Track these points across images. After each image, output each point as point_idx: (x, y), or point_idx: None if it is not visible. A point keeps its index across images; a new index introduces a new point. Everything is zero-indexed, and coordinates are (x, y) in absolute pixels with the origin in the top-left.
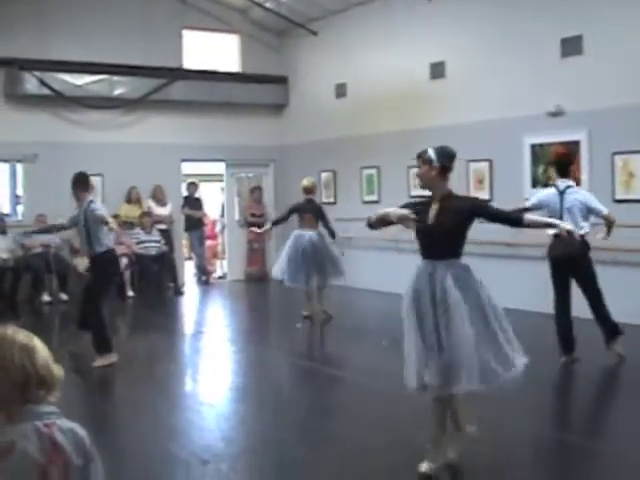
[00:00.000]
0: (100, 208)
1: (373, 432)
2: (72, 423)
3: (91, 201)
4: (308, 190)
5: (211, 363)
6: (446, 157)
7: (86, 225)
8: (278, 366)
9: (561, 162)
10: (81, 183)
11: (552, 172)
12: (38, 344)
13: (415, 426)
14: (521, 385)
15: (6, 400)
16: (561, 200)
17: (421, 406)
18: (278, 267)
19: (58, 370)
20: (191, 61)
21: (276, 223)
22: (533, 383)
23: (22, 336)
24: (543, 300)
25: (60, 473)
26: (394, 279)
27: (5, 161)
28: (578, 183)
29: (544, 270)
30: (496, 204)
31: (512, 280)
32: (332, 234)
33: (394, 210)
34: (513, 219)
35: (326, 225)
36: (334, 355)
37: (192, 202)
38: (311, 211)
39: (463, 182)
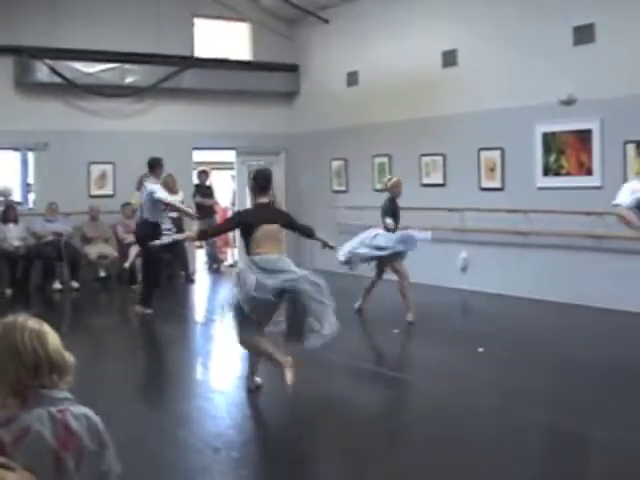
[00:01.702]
0: None
1: (383, 422)
2: (85, 409)
3: None
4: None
5: (222, 351)
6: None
7: None
8: (289, 353)
9: None
10: None
11: None
12: (48, 330)
13: (418, 412)
14: None
15: (20, 385)
16: None
17: (424, 394)
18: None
19: (69, 356)
20: (202, 49)
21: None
22: None
23: (32, 322)
24: None
25: (74, 458)
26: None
27: (16, 149)
28: (590, 172)
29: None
30: (507, 192)
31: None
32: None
33: None
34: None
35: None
36: (342, 343)
37: (203, 190)
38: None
39: (475, 170)
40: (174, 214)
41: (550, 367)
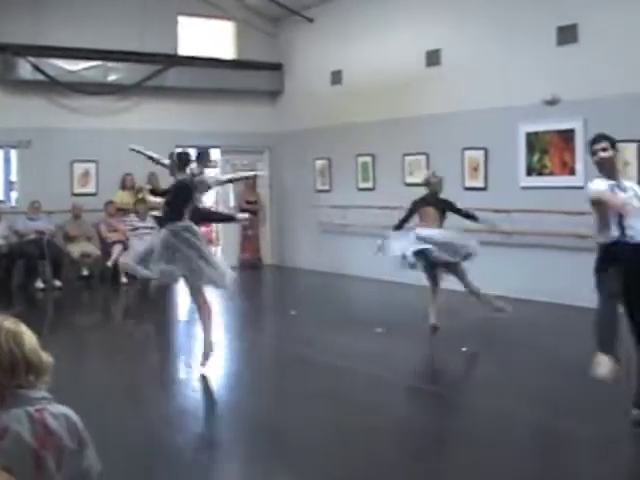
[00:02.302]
0: None
1: (368, 416)
2: (64, 408)
3: None
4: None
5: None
6: None
7: None
8: (272, 353)
9: None
10: None
11: None
12: (25, 330)
13: (404, 410)
14: None
15: None
16: None
17: (409, 392)
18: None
19: (47, 356)
20: (186, 47)
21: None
22: None
23: (9, 323)
24: None
25: (54, 457)
26: (387, 266)
27: None
28: (573, 171)
29: None
30: (490, 192)
31: None
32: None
33: None
34: None
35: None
36: (327, 342)
37: None
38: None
39: (458, 170)
40: (157, 212)
41: (534, 366)
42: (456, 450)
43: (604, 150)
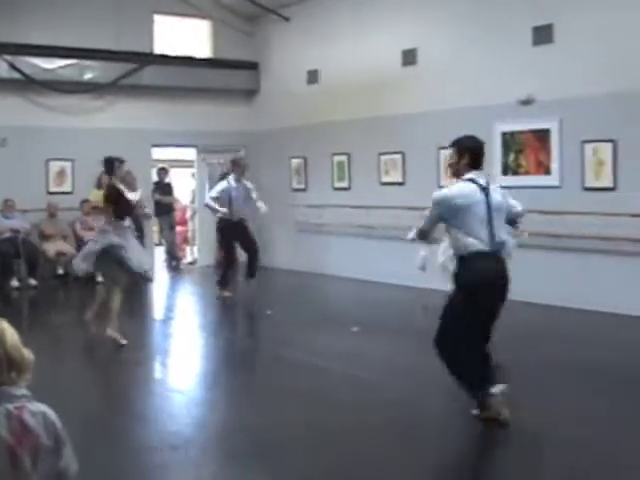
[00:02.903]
0: None
1: (343, 415)
2: (44, 406)
3: None
4: None
5: (181, 349)
6: None
7: None
8: (247, 352)
9: None
10: None
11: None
12: (7, 327)
13: (380, 409)
14: None
15: None
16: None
17: (384, 391)
18: None
19: (28, 354)
20: (162, 46)
21: None
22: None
23: None
24: None
25: (30, 455)
26: (364, 265)
27: None
28: (548, 171)
29: None
30: None
31: None
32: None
33: None
34: None
35: None
36: (303, 341)
37: (162, 188)
38: None
39: (434, 169)
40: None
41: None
42: (434, 449)
43: (451, 157)
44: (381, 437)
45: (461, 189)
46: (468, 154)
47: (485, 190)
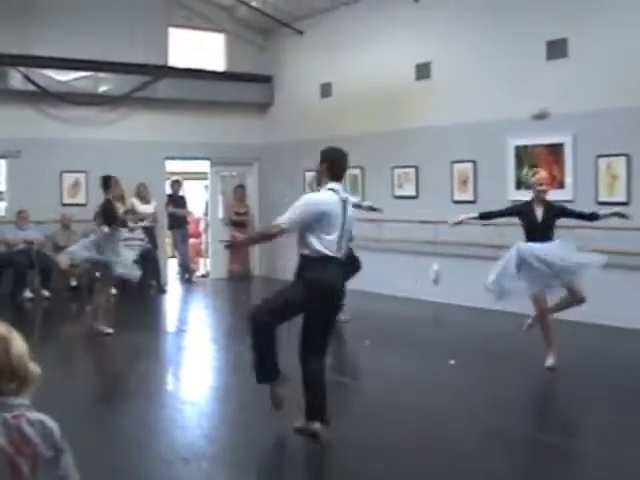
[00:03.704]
0: None
1: (353, 429)
2: (42, 415)
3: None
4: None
5: (193, 362)
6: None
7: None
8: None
9: None
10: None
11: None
12: (17, 337)
13: (390, 424)
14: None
15: None
16: None
17: (395, 405)
18: None
19: (34, 367)
20: (176, 59)
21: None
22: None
23: (1, 328)
24: None
25: (29, 464)
26: (377, 279)
27: None
28: (562, 185)
29: None
30: (480, 205)
31: None
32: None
33: None
34: None
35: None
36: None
37: (176, 200)
38: None
39: (447, 183)
40: (146, 223)
41: (523, 380)
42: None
43: (317, 166)
44: (390, 450)
45: (329, 197)
46: (330, 164)
47: (344, 202)
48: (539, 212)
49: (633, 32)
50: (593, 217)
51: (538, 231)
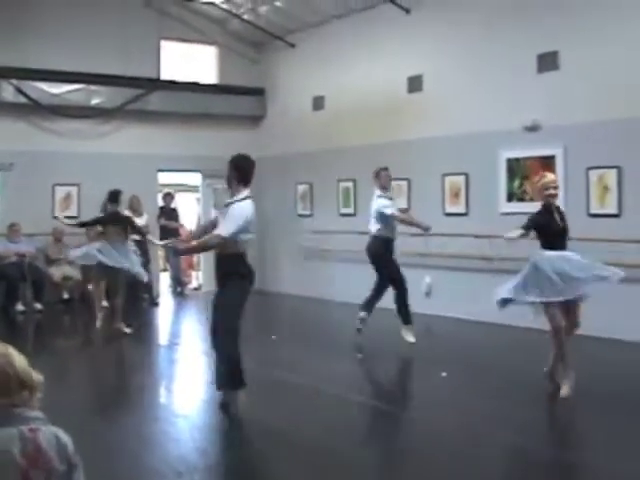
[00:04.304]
0: None
1: (346, 442)
2: (56, 429)
3: None
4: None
5: (185, 374)
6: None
7: None
8: (252, 378)
9: None
10: None
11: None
12: (14, 352)
13: (383, 436)
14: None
15: None
16: None
17: (389, 418)
18: None
19: (37, 374)
20: (169, 72)
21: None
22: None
23: None
24: None
25: (42, 477)
26: (369, 291)
27: None
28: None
29: None
30: (471, 218)
31: None
32: None
33: None
34: None
35: None
36: (307, 367)
37: (168, 212)
38: None
39: (439, 195)
40: (137, 237)
41: (513, 391)
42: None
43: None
44: (383, 464)
45: (252, 205)
46: (242, 172)
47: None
48: (557, 218)
49: (623, 45)
50: None
51: (560, 239)
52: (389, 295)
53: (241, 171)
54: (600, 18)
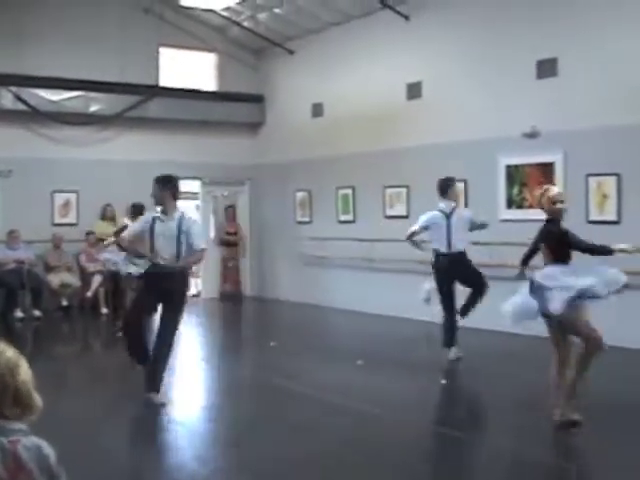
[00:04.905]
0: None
1: (345, 450)
2: (39, 440)
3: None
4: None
5: (183, 382)
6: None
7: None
8: (251, 385)
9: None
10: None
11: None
12: (25, 364)
13: (383, 444)
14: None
15: None
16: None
17: (388, 425)
18: None
19: (38, 397)
20: (168, 79)
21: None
22: None
23: (11, 353)
24: None
25: None
26: (369, 298)
27: None
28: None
29: None
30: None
31: None
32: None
33: None
34: None
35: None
36: (306, 373)
37: None
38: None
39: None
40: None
41: (514, 397)
42: None
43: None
44: (383, 473)
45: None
46: (174, 191)
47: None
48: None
49: (622, 51)
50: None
51: (568, 253)
52: (384, 300)
53: (174, 189)
54: (599, 24)
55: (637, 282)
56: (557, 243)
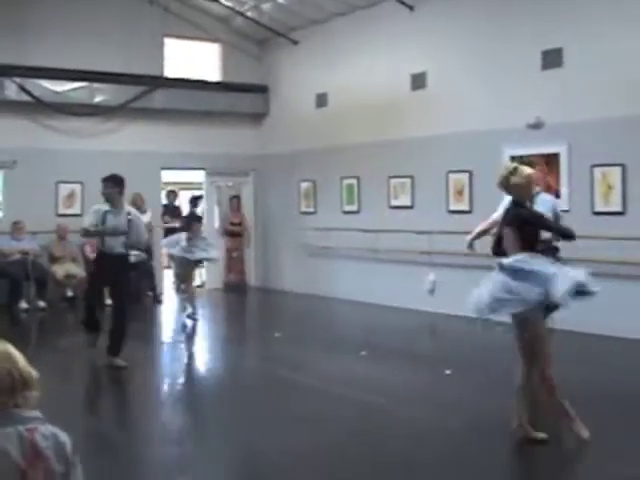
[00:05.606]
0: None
1: (349, 441)
2: (55, 429)
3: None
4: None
5: (188, 372)
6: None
7: None
8: (255, 375)
9: None
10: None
11: None
12: (13, 350)
13: (388, 435)
14: None
15: None
16: None
17: (393, 416)
18: None
19: (34, 371)
20: (172, 69)
21: None
22: None
23: (1, 345)
24: None
25: (40, 477)
26: (373, 289)
27: None
28: (557, 195)
29: None
30: (475, 215)
31: None
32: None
33: None
34: None
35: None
36: (310, 364)
37: (171, 210)
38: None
39: (443, 193)
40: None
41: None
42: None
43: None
44: (388, 464)
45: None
46: (122, 189)
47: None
48: None
49: (628, 42)
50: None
51: (536, 240)
52: (389, 291)
53: (122, 186)
54: (604, 14)
55: (635, 272)
56: (529, 227)
